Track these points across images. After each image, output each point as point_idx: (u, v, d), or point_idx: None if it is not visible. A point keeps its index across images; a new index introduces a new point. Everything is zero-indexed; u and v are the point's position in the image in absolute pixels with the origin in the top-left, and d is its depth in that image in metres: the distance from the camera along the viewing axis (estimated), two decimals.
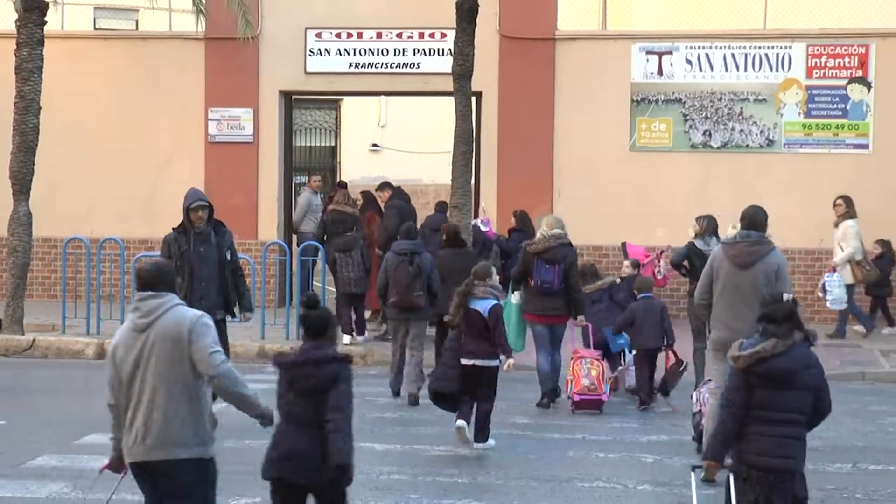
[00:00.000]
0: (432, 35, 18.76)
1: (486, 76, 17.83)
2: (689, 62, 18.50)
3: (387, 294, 12.93)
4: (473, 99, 17.02)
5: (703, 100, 18.48)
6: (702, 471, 7.23)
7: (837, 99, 18.30)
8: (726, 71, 18.47)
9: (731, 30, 18.70)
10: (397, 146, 28.00)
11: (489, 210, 18.13)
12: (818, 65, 18.33)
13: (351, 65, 18.98)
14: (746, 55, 18.42)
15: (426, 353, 13.12)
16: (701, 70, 18.51)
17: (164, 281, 6.33)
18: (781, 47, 18.37)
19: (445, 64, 17.14)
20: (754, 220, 9.72)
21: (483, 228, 16.80)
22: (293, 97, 20.02)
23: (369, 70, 18.97)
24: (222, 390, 6.26)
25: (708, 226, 13.16)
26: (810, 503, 6.87)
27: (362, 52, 18.96)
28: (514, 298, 12.69)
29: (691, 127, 18.54)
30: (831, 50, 18.33)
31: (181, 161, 19.19)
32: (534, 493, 9.14)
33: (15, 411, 11.93)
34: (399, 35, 18.85)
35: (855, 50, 18.29)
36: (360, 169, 26.98)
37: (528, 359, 12.87)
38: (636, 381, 12.75)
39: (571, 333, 12.85)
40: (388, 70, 18.94)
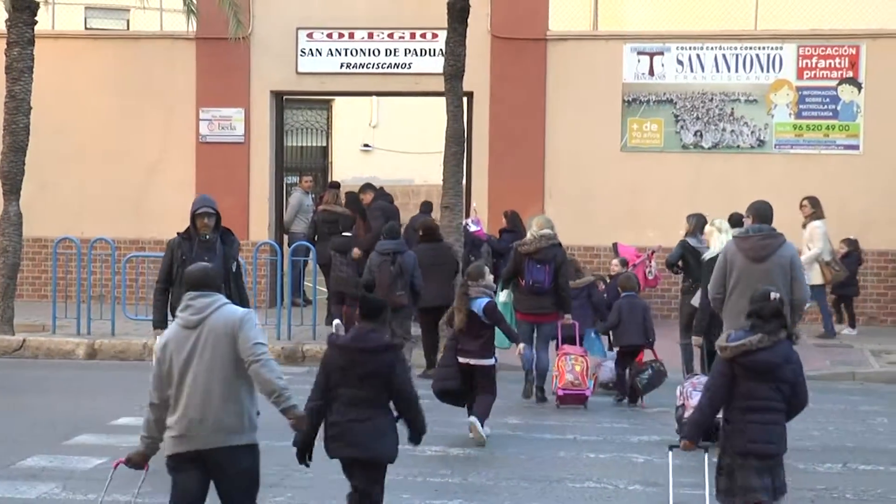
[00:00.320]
0: (424, 35, 18.76)
1: (477, 76, 17.82)
2: (680, 63, 18.52)
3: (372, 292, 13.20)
4: (465, 99, 17.02)
5: (695, 100, 18.50)
6: (678, 450, 7.56)
7: (828, 100, 18.32)
8: (717, 71, 18.48)
9: (722, 30, 18.72)
10: (389, 146, 27.96)
11: (480, 210, 18.14)
12: (809, 66, 18.36)
13: (342, 65, 18.97)
14: (737, 56, 18.44)
15: (415, 352, 13.13)
16: (692, 71, 18.52)
17: (211, 283, 6.72)
18: (772, 48, 18.38)
19: (437, 64, 17.14)
20: (764, 213, 10.06)
21: (473, 228, 16.82)
22: (284, 97, 20.00)
23: (361, 70, 18.96)
24: (259, 378, 6.53)
25: (697, 223, 13.30)
26: (800, 503, 6.89)
27: (354, 52, 18.94)
28: (503, 297, 12.84)
29: (682, 127, 18.55)
30: (822, 51, 18.36)
31: (172, 161, 19.15)
32: (525, 493, 9.14)
33: (5, 412, 11.90)
34: (390, 35, 18.84)
35: (845, 51, 18.32)
36: (352, 169, 26.92)
37: (518, 358, 12.86)
38: (617, 377, 12.93)
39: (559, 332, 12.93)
40: (380, 70, 18.93)
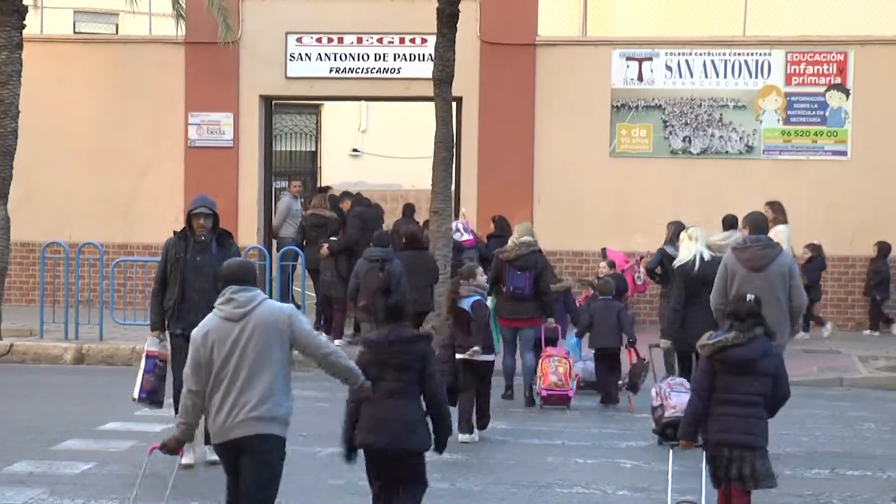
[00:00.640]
0: (413, 40, 18.77)
1: (466, 81, 17.83)
2: (668, 68, 18.55)
3: (357, 298, 13.76)
4: (454, 104, 17.03)
5: (683, 106, 18.53)
6: (678, 448, 8.01)
7: (816, 106, 18.37)
8: (706, 77, 18.52)
9: (711, 36, 18.76)
10: (378, 151, 27.95)
11: (469, 215, 18.14)
12: (797, 72, 18.40)
13: (331, 70, 18.97)
14: (726, 62, 18.48)
15: None
16: (681, 76, 18.56)
17: (249, 277, 6.81)
18: (761, 54, 18.43)
19: (426, 69, 17.15)
20: (760, 224, 10.30)
21: (462, 233, 16.79)
22: (273, 102, 19.99)
23: (350, 75, 18.96)
24: (334, 365, 6.88)
25: (675, 231, 13.30)
26: None
27: (343, 57, 18.94)
28: (487, 304, 12.82)
29: (671, 133, 18.58)
30: (810, 57, 18.41)
31: (161, 165, 19.13)
32: (513, 498, 9.15)
33: None
34: (380, 40, 18.85)
35: (834, 57, 18.37)
36: (341, 174, 26.90)
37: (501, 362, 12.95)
38: (597, 379, 13.24)
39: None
40: (369, 75, 18.94)
